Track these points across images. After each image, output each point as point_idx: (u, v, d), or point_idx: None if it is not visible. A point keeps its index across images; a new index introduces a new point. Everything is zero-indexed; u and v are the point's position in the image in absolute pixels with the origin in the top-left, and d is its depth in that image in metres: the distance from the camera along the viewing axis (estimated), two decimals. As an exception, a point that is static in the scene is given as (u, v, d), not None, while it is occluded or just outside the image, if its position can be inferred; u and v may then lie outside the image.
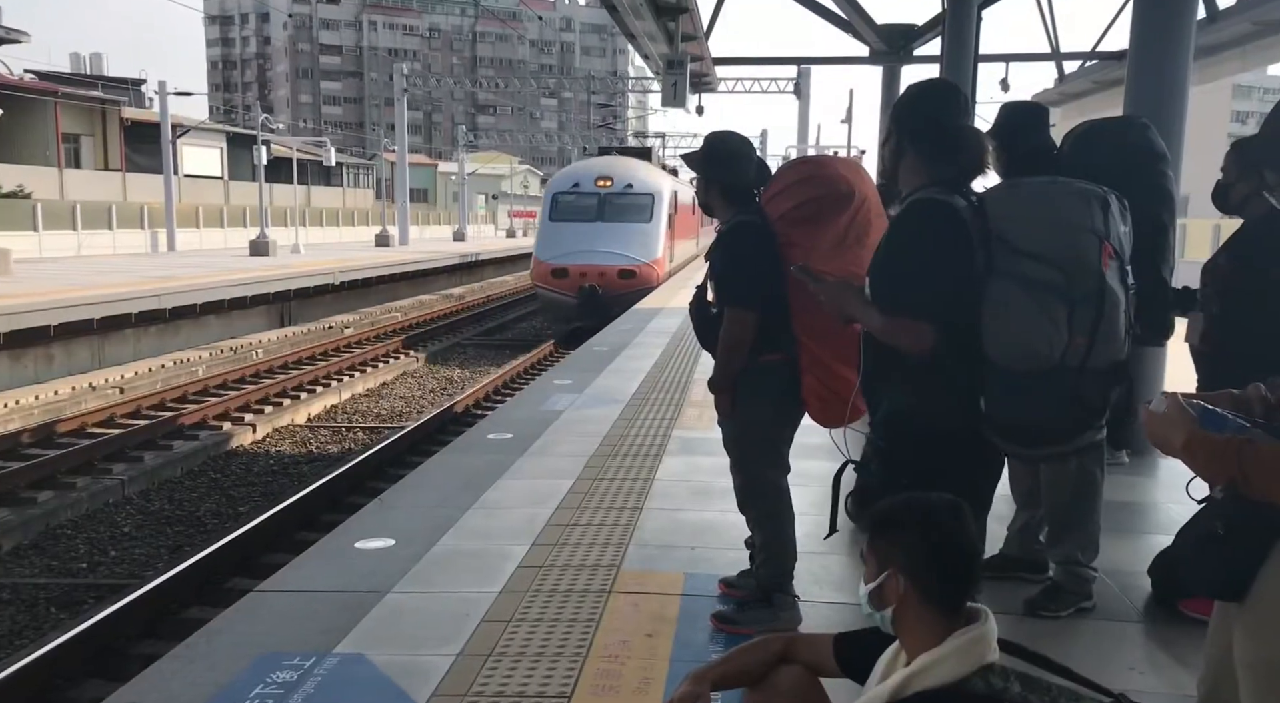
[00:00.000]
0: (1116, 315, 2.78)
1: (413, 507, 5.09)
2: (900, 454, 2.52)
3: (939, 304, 2.53)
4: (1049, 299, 2.60)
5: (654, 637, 3.53)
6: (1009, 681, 1.82)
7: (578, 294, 18.17)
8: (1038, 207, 2.71)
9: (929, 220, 2.57)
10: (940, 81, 2.92)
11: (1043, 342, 2.60)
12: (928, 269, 2.53)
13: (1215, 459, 1.60)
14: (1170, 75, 5.88)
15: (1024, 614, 3.72)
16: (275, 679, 3.16)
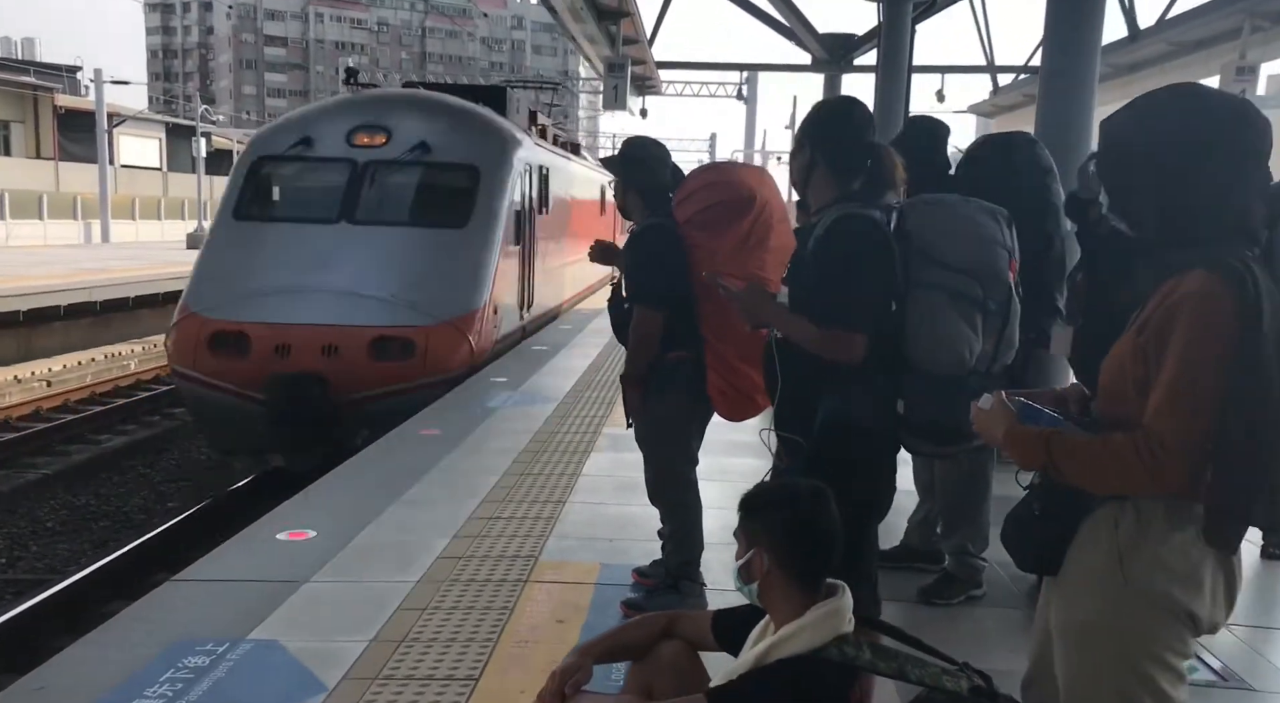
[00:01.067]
0: (1016, 323, 2.97)
1: (337, 500, 5.14)
2: (832, 457, 2.64)
3: (871, 316, 2.67)
4: (969, 309, 2.76)
5: (565, 623, 3.66)
6: (861, 649, 1.99)
7: (266, 391, 7.75)
8: (961, 223, 2.86)
9: (858, 236, 2.69)
10: (847, 98, 3.08)
11: (965, 347, 2.75)
12: (860, 283, 2.66)
13: (1028, 449, 1.79)
14: (1077, 92, 6.17)
15: (918, 601, 3.93)
16: (187, 664, 3.22)
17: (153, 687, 3.06)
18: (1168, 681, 1.73)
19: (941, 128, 4.18)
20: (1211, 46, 11.75)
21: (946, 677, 1.99)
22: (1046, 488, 1.85)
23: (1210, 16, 10.89)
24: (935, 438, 3.00)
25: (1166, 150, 1.74)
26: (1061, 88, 6.23)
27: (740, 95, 24.30)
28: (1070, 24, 6.28)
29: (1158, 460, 1.65)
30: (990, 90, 19.23)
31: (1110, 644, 1.75)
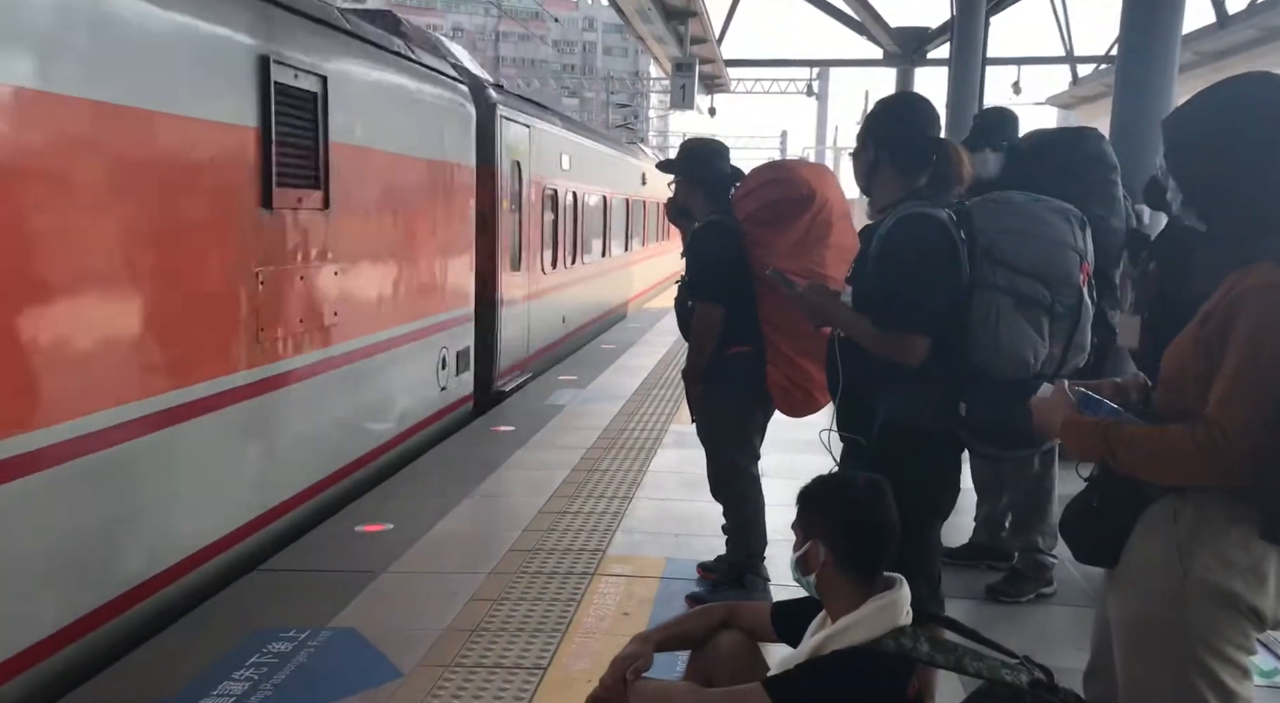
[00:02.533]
0: (1087, 327, 2.91)
1: (413, 494, 5.31)
2: (892, 458, 2.62)
3: (933, 318, 2.64)
4: (1035, 312, 2.69)
5: (631, 616, 3.72)
6: (918, 642, 2.00)
7: None
8: (1029, 223, 2.78)
9: (922, 235, 2.66)
10: (910, 94, 3.07)
11: (1029, 351, 2.69)
12: (923, 284, 2.63)
13: (1086, 439, 1.79)
14: (1157, 81, 6.00)
15: (986, 599, 3.90)
16: (271, 650, 3.37)
17: (238, 671, 3.22)
18: (1231, 675, 1.71)
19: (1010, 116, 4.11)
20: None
21: (1006, 670, 2.00)
22: (1105, 480, 1.84)
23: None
24: (997, 441, 2.94)
25: (1231, 143, 1.72)
26: (1140, 77, 6.06)
27: (810, 91, 24.11)
28: (1149, 10, 6.11)
29: (1218, 452, 1.63)
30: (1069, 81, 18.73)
31: (1170, 638, 1.73)
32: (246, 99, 4.19)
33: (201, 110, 3.88)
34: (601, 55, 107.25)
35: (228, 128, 4.07)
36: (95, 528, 3.36)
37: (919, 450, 2.68)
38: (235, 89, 4.12)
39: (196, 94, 3.85)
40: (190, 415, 3.81)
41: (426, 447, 6.40)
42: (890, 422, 2.69)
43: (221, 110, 4.02)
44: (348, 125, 5.11)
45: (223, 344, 4.08)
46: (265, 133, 4.29)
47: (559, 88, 66.70)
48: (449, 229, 6.86)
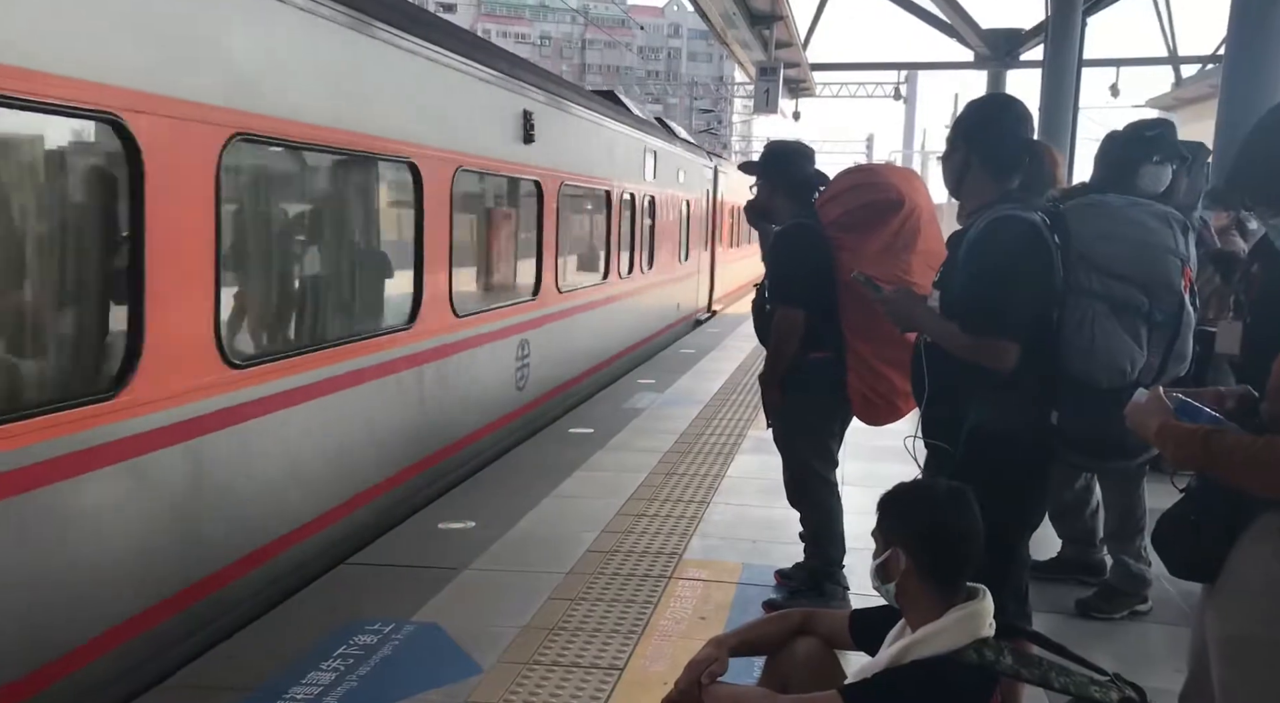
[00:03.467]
0: (1189, 335, 2.81)
1: (494, 494, 5.40)
2: (980, 467, 2.57)
3: (1025, 324, 2.58)
4: (1133, 319, 2.63)
5: (707, 620, 3.72)
6: (1002, 654, 1.96)
7: None
8: (1127, 227, 2.71)
9: (1014, 239, 2.60)
10: (1002, 95, 3.00)
11: (1126, 360, 2.63)
12: (1016, 289, 2.57)
13: (1183, 446, 1.72)
14: (1265, 81, 5.75)
15: (1077, 614, 3.77)
16: (357, 642, 3.47)
17: (328, 661, 3.32)
18: None
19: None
20: None
21: (1095, 687, 1.94)
22: (1204, 491, 1.77)
23: None
24: (1091, 452, 2.86)
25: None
26: (1248, 77, 5.82)
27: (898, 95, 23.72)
28: (1256, 8, 5.87)
29: None
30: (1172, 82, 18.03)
31: (1275, 658, 1.66)
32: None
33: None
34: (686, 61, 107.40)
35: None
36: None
37: (1008, 459, 2.61)
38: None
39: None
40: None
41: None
42: (979, 429, 2.62)
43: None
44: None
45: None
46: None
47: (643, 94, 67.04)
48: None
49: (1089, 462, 2.98)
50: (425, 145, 5.18)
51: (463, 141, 5.73)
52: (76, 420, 2.96)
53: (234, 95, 3.59)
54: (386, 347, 4.92)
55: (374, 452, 4.82)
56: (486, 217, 6.87)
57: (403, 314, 5.18)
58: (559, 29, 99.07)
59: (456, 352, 5.78)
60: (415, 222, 5.20)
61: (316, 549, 4.31)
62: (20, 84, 2.70)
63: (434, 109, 5.37)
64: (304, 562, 4.21)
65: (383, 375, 4.87)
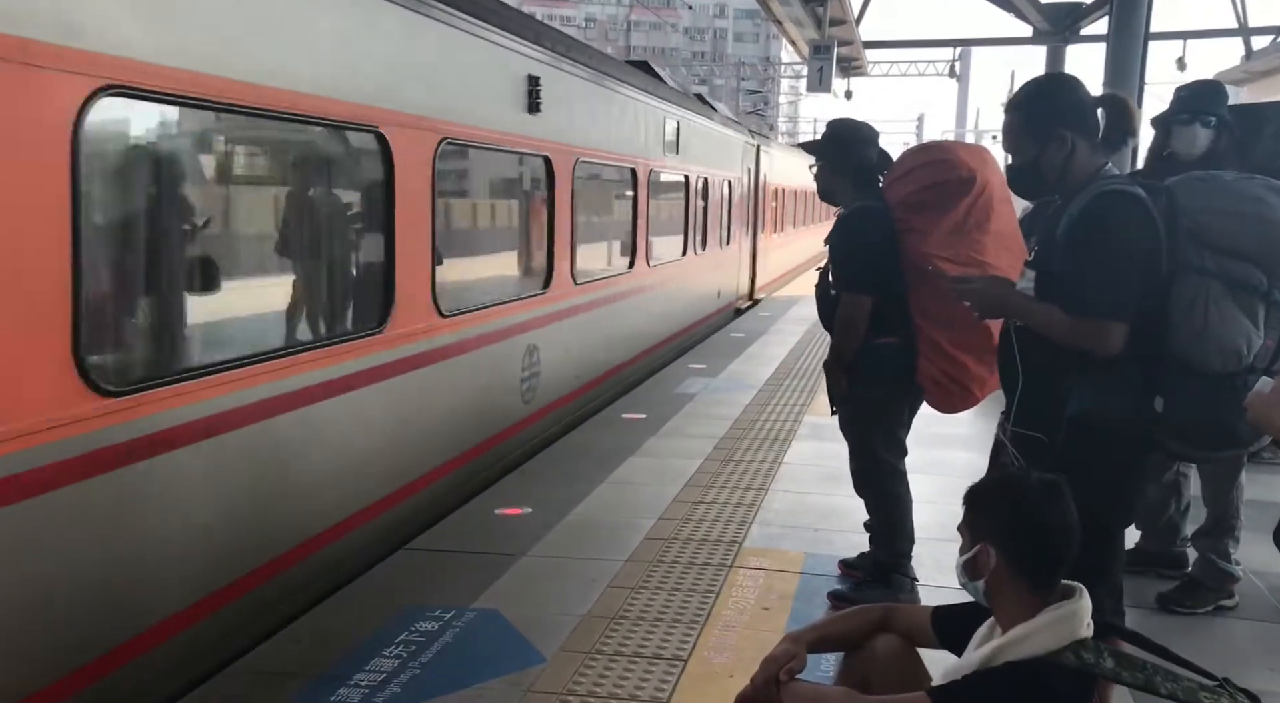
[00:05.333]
0: None
1: (549, 479, 5.36)
2: (1078, 457, 2.43)
3: (1131, 303, 2.43)
4: (1250, 299, 2.48)
5: (770, 610, 3.64)
6: (1102, 656, 1.85)
7: None
8: (1241, 202, 2.56)
9: (1122, 215, 2.45)
10: (1058, 73, 2.84)
11: (1243, 342, 2.48)
12: (1122, 268, 2.43)
13: None
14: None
15: (1159, 609, 3.63)
16: (419, 629, 3.45)
17: (390, 648, 3.30)
18: None
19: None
20: None
21: (1205, 693, 1.82)
22: None
23: None
24: (1198, 440, 2.69)
25: None
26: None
27: (952, 72, 23.18)
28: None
29: None
30: (1242, 55, 17.36)
31: None
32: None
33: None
34: (732, 42, 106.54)
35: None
36: None
37: (1108, 448, 2.47)
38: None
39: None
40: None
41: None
42: (1078, 417, 2.48)
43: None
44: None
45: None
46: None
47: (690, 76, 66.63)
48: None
49: (1194, 451, 2.82)
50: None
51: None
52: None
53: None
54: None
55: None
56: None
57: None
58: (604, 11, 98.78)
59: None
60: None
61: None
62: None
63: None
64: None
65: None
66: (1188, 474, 3.89)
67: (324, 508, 3.99)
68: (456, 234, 5.54)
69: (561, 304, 6.72)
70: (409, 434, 4.66)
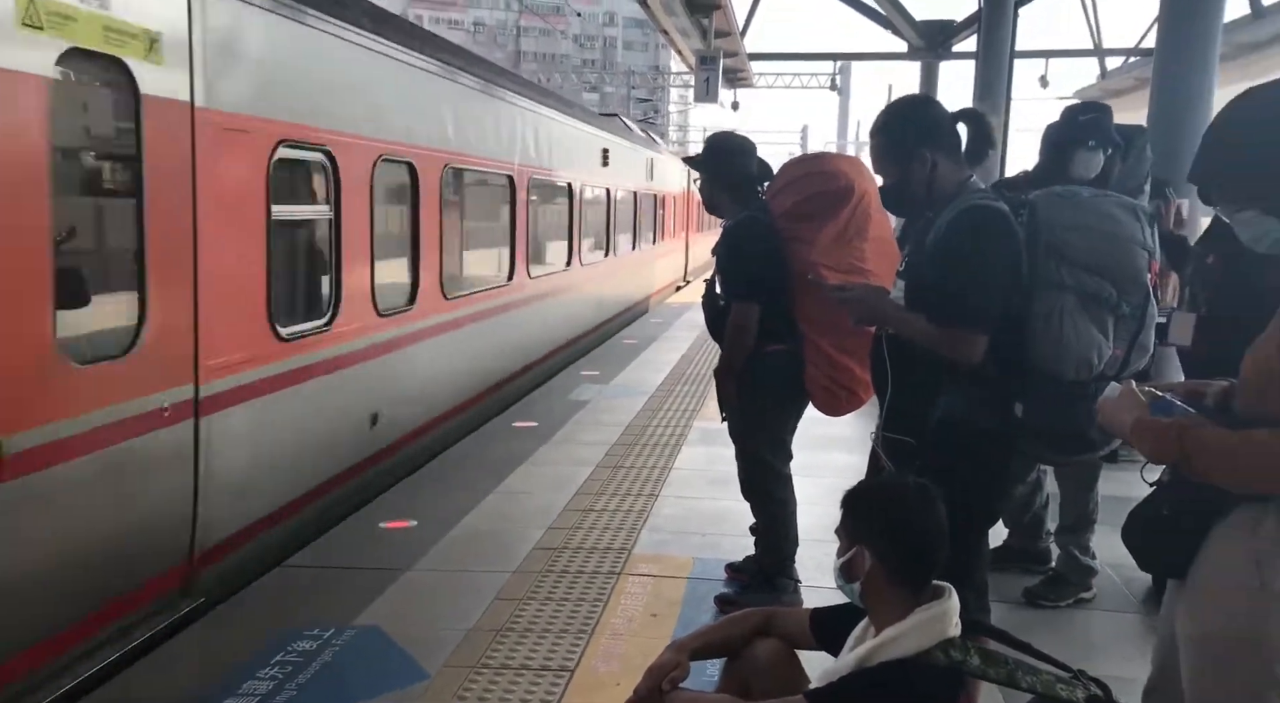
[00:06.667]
0: (1152, 328, 2.80)
1: (436, 491, 5.26)
2: (945, 460, 2.54)
3: (993, 314, 2.54)
4: (1101, 311, 2.61)
5: (659, 617, 3.66)
6: (969, 654, 1.92)
7: None
8: (1099, 219, 2.68)
9: (987, 229, 2.56)
10: (916, 95, 2.97)
11: (1094, 352, 2.60)
12: (986, 279, 2.53)
13: (1159, 441, 1.69)
14: (1196, 73, 5.86)
15: (1024, 603, 3.80)
16: (296, 649, 3.33)
17: (263, 670, 3.17)
18: None
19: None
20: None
21: (1061, 685, 1.91)
22: (1176, 486, 1.75)
23: (1342, -11, 10.22)
24: (1055, 444, 2.83)
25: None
26: (1178, 69, 5.93)
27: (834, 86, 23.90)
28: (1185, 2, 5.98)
29: None
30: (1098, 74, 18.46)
31: (1246, 655, 1.64)
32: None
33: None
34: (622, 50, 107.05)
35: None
36: None
37: (973, 452, 2.58)
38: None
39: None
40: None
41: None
42: (944, 422, 2.59)
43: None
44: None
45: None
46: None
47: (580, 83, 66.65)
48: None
49: (1052, 454, 2.97)
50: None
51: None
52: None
53: None
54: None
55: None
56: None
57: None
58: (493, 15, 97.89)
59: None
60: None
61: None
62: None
63: None
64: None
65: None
66: (1048, 472, 4.10)
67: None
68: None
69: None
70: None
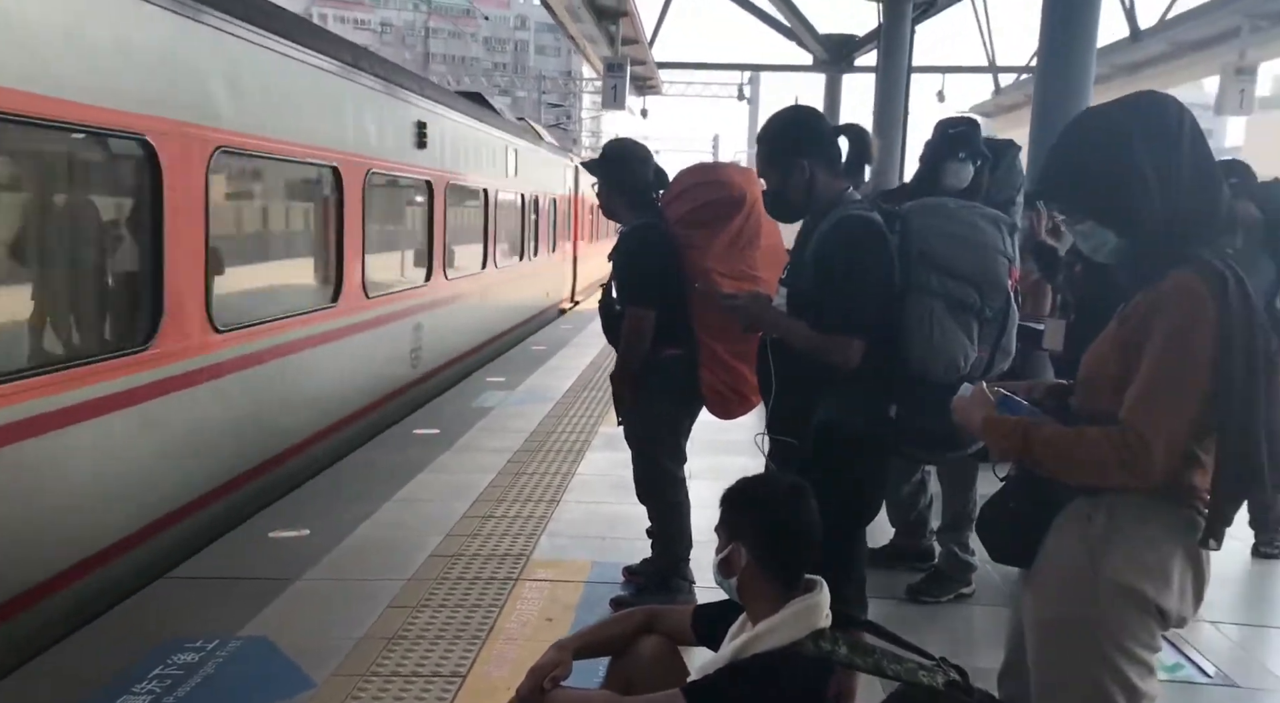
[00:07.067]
0: (1013, 331, 2.95)
1: (331, 499, 5.16)
2: (826, 460, 2.64)
3: (869, 320, 2.65)
4: (966, 316, 2.74)
5: (554, 621, 3.66)
6: (837, 644, 2.00)
7: None
8: (965, 229, 2.82)
9: (861, 239, 2.67)
10: (799, 107, 3.06)
11: (960, 354, 2.73)
12: (861, 287, 2.64)
13: (1005, 437, 1.80)
14: (1074, 93, 6.17)
15: (907, 600, 3.94)
16: (176, 661, 3.23)
17: (141, 683, 3.07)
18: (1137, 673, 1.74)
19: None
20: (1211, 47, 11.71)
21: (923, 672, 2.00)
22: (1022, 481, 1.86)
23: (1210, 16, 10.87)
24: (927, 444, 2.96)
25: (1135, 164, 1.74)
26: (1058, 89, 6.24)
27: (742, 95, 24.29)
28: (1065, 24, 6.29)
29: (1133, 454, 1.65)
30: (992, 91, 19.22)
31: (1082, 638, 1.75)
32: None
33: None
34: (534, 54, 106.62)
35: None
36: None
37: (852, 452, 2.69)
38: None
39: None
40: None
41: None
42: (825, 424, 2.69)
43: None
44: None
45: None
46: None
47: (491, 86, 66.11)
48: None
49: (926, 454, 3.09)
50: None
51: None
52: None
53: None
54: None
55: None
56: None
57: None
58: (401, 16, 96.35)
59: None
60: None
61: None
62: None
63: None
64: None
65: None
66: (931, 474, 4.26)
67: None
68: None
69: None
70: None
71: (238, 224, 5.64)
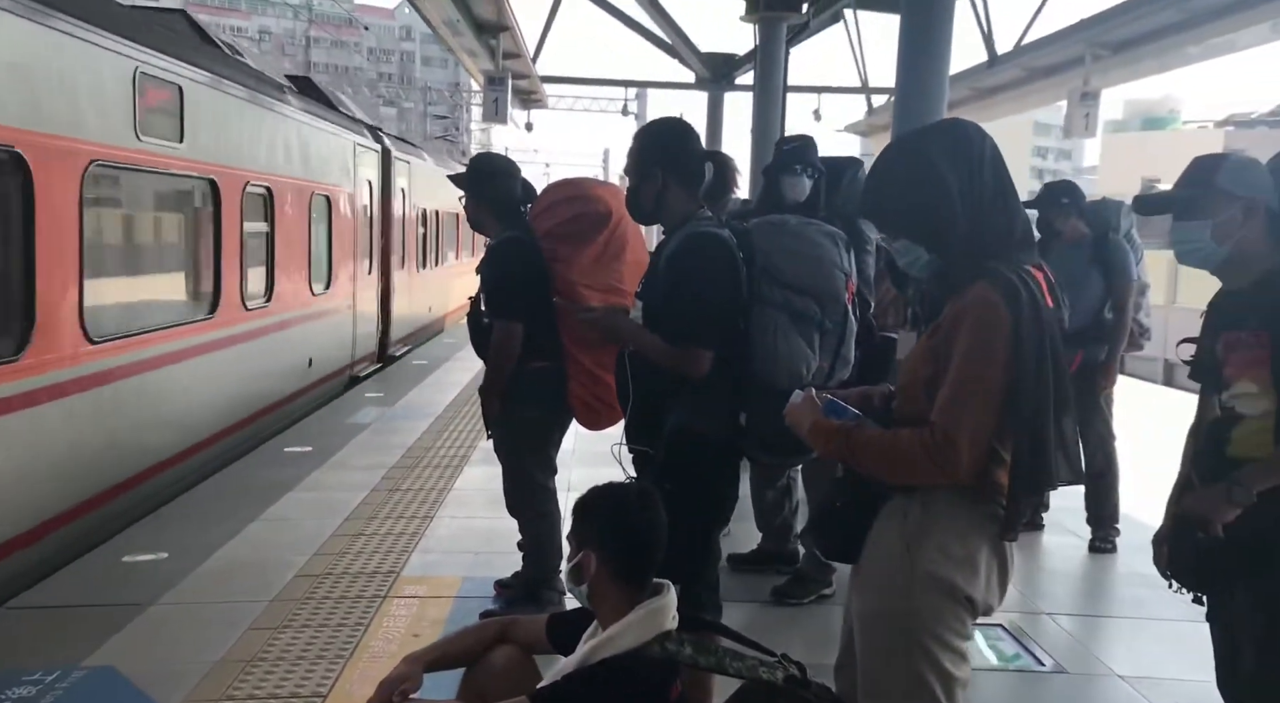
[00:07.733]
0: (851, 341, 3.09)
1: (191, 521, 4.97)
2: (678, 467, 2.72)
3: (717, 332, 2.75)
4: (808, 327, 2.85)
5: (421, 638, 3.62)
6: (682, 645, 2.05)
7: None
8: (803, 245, 2.93)
9: (709, 255, 2.77)
10: (672, 119, 3.17)
11: (803, 364, 2.84)
12: (710, 301, 2.74)
13: (830, 440, 1.91)
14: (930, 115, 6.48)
15: (772, 602, 4.06)
16: (11, 696, 3.06)
17: (-28, 721, 2.90)
18: (950, 660, 1.86)
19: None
20: (1060, 73, 12.47)
21: (764, 668, 2.08)
22: (849, 481, 1.96)
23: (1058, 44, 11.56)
24: (776, 448, 3.08)
25: (936, 196, 1.87)
26: (915, 111, 6.54)
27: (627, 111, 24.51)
28: (920, 49, 6.61)
29: (941, 453, 1.77)
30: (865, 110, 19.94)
31: (900, 628, 1.86)
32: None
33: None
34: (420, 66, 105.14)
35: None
36: None
37: (704, 459, 2.78)
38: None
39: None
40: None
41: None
42: (677, 432, 2.77)
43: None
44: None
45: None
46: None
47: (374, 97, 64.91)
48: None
49: (774, 459, 3.20)
50: None
51: None
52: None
53: None
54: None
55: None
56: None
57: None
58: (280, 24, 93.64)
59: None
60: None
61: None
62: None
63: None
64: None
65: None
66: (796, 479, 4.40)
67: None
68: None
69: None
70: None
71: None
